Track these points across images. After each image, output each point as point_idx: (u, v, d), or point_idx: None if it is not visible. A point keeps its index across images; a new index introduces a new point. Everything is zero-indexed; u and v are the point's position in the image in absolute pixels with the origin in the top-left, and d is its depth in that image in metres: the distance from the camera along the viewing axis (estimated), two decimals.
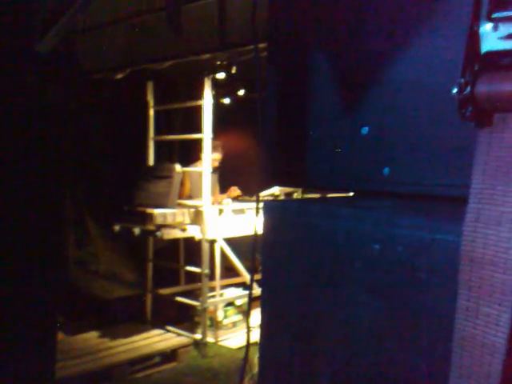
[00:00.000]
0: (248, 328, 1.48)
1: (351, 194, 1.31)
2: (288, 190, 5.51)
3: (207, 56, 4.42)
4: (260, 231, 1.21)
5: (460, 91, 0.72)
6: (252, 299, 1.63)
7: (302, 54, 1.27)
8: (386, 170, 1.05)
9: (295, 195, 5.66)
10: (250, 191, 5.96)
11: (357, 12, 1.14)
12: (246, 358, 1.51)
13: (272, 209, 1.04)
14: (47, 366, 2.42)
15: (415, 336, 0.79)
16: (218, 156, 5.55)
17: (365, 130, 1.09)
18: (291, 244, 0.99)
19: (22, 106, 2.17)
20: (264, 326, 1.06)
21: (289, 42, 1.31)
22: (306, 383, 0.98)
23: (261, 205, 1.14)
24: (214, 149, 5.20)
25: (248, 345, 1.49)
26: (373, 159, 1.07)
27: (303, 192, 5.55)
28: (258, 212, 1.51)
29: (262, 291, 1.04)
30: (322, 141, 1.21)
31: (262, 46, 1.83)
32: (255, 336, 1.54)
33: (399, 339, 0.81)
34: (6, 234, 2.16)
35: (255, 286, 5.11)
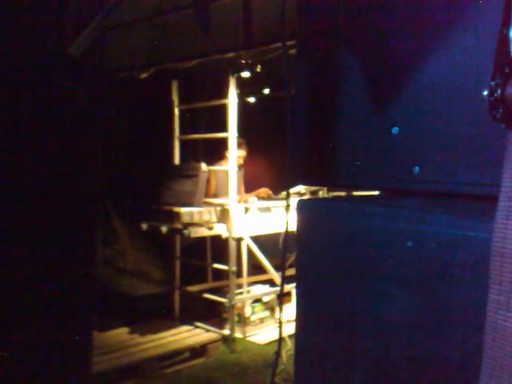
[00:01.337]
0: (280, 323, 1.52)
1: (376, 192, 1.33)
2: (313, 188, 5.53)
3: (232, 54, 4.46)
4: (290, 228, 1.24)
5: (491, 93, 0.75)
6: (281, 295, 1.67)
7: (331, 53, 1.29)
8: (417, 169, 1.07)
9: (320, 193, 5.68)
10: (275, 190, 5.99)
11: (387, 12, 1.16)
12: (278, 352, 1.54)
13: (306, 207, 1.08)
14: (84, 361, 2.49)
15: (448, 329, 0.82)
16: (242, 153, 5.58)
17: (395, 130, 1.11)
18: (325, 241, 1.03)
19: (56, 107, 2.23)
20: (299, 320, 1.09)
21: (318, 40, 1.33)
22: (340, 376, 1.02)
23: (293, 202, 1.18)
24: (238, 146, 5.23)
25: (280, 339, 1.53)
26: (403, 158, 1.10)
27: (328, 190, 5.56)
28: (288, 209, 1.55)
29: (297, 286, 1.08)
30: (351, 140, 1.23)
31: (289, 43, 1.85)
32: (284, 331, 1.58)
33: (432, 333, 0.84)
34: (44, 232, 2.23)
35: None
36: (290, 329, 1.59)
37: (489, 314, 0.71)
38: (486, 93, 0.75)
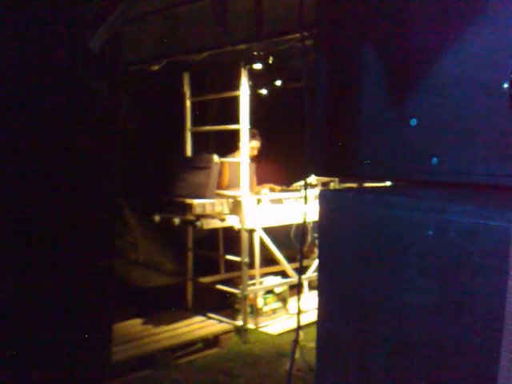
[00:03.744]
0: (299, 312, 1.55)
1: (388, 183, 1.35)
2: (325, 179, 5.53)
3: (244, 46, 4.46)
4: (307, 219, 1.26)
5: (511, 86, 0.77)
6: (291, 287, 1.69)
7: (350, 45, 1.30)
8: (435, 160, 1.09)
9: (332, 185, 5.68)
10: (287, 181, 5.99)
11: (407, 4, 1.17)
12: (296, 340, 1.56)
13: (328, 197, 1.10)
14: (103, 351, 2.53)
15: (469, 316, 0.84)
16: (256, 144, 5.55)
17: (413, 122, 1.13)
18: (347, 231, 1.05)
19: (79, 101, 2.26)
20: (321, 308, 1.12)
21: (337, 32, 1.34)
22: (362, 363, 1.04)
23: (314, 193, 1.20)
24: (252, 137, 5.21)
25: (298, 328, 1.55)
26: (421, 150, 1.12)
27: (340, 182, 5.56)
28: (306, 200, 1.57)
29: (319, 275, 1.10)
30: (370, 131, 1.25)
31: (305, 34, 1.84)
32: (294, 323, 1.60)
33: (453, 319, 0.87)
34: (65, 226, 2.27)
35: (293, 274, 5.10)
36: (303, 319, 1.60)
37: (508, 300, 0.73)
38: (506, 85, 0.77)
